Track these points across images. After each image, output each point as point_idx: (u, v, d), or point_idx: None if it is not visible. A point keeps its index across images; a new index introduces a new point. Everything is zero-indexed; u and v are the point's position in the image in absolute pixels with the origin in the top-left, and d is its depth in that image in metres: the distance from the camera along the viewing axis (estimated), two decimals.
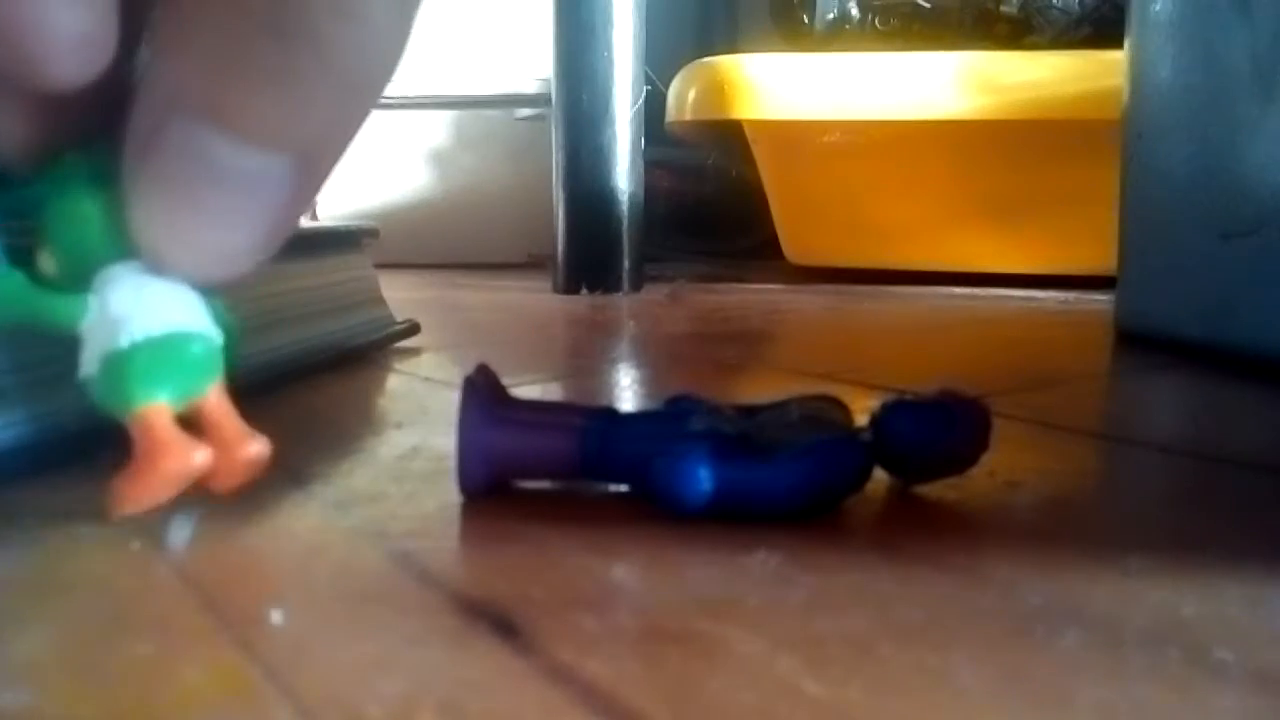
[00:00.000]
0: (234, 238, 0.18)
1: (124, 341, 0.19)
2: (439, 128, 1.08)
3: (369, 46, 0.16)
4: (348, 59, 0.16)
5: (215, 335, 0.20)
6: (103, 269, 0.19)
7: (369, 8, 0.16)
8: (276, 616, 0.16)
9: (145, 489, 0.19)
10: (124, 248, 0.19)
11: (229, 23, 0.16)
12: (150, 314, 0.19)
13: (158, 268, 0.19)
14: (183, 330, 0.19)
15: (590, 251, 0.77)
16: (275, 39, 0.16)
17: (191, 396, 0.19)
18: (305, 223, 0.73)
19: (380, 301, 0.47)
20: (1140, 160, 0.49)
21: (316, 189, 0.18)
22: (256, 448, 0.20)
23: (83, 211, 0.19)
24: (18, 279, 0.19)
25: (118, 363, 0.19)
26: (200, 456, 0.19)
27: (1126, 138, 0.50)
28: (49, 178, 0.19)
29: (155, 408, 0.19)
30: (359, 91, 0.17)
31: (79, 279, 0.19)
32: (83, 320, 0.19)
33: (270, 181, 0.17)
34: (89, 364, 0.19)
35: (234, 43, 0.16)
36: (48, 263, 0.19)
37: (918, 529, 0.21)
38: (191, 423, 0.19)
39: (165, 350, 0.19)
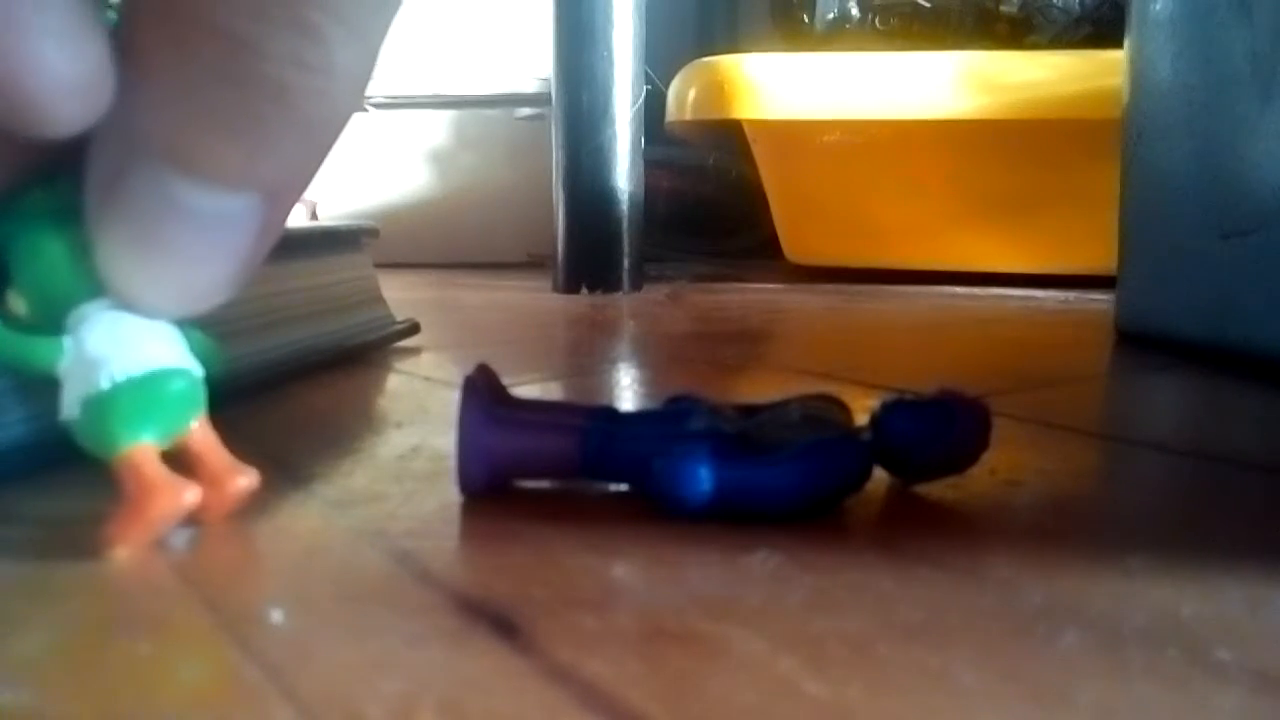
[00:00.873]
0: (203, 275, 0.18)
1: (104, 383, 0.18)
2: (439, 127, 1.08)
3: (330, 92, 0.16)
4: (309, 105, 0.16)
5: (195, 369, 0.20)
6: (74, 308, 0.19)
7: (330, 58, 0.16)
8: (276, 616, 0.16)
9: (137, 530, 0.18)
10: (94, 285, 0.18)
11: (189, 71, 0.16)
12: (128, 353, 0.19)
13: (129, 305, 0.18)
14: (162, 368, 0.19)
15: (590, 251, 0.77)
16: (235, 88, 0.16)
17: (176, 433, 0.19)
18: (305, 223, 0.73)
19: (380, 301, 0.47)
20: (1140, 160, 0.49)
21: (283, 222, 0.19)
22: (245, 480, 0.20)
23: (49, 250, 0.18)
24: None
25: (99, 405, 0.18)
26: (190, 495, 0.18)
27: (1126, 137, 0.50)
28: (12, 215, 0.19)
29: (141, 448, 0.18)
30: (321, 132, 0.17)
31: (50, 319, 0.19)
32: (60, 362, 0.19)
33: (236, 220, 0.17)
34: (70, 407, 0.19)
35: (194, 90, 0.16)
36: (16, 303, 0.19)
37: (918, 529, 0.21)
38: (177, 458, 0.19)
39: (147, 390, 0.19)
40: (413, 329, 0.48)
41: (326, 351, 0.40)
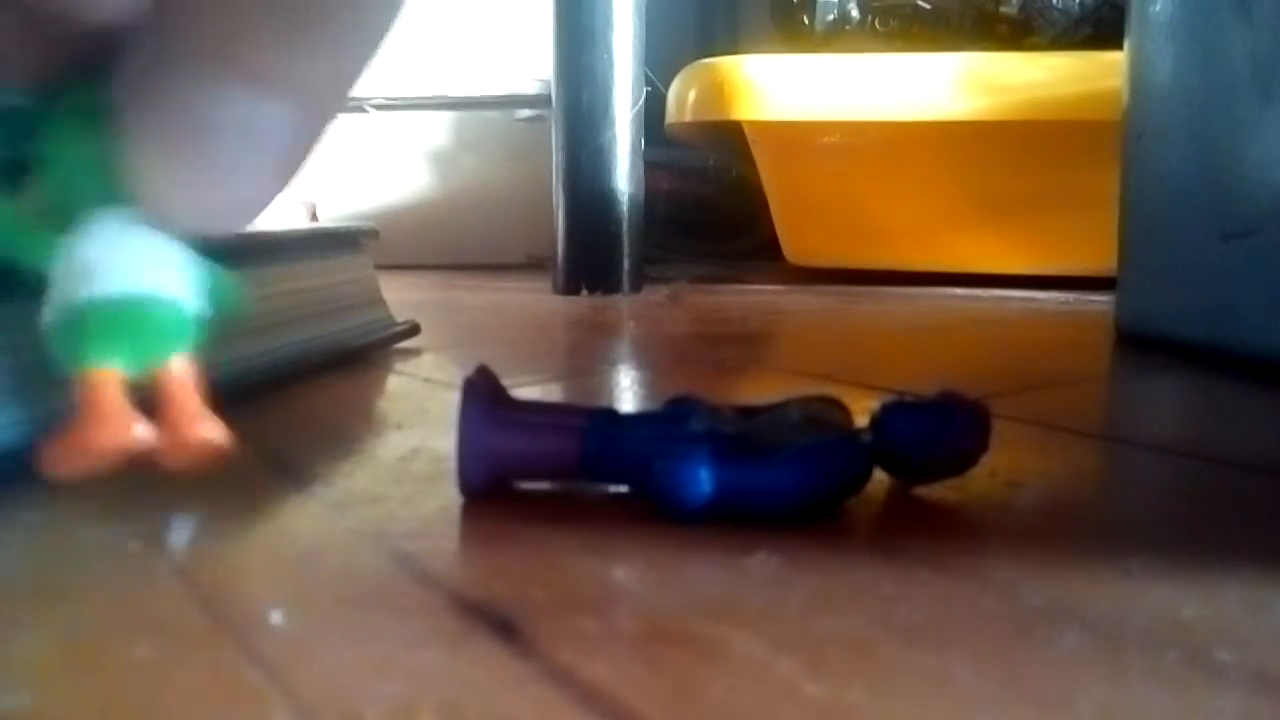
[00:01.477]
0: (235, 186, 0.18)
1: (83, 296, 0.17)
2: (439, 129, 1.08)
3: (365, 6, 0.16)
4: (350, 9, 0.16)
5: (190, 302, 0.18)
6: (90, 211, 0.18)
7: None
8: (276, 617, 0.16)
9: (76, 456, 0.17)
10: (116, 192, 0.17)
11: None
12: (119, 270, 0.18)
13: (152, 216, 0.18)
14: (149, 293, 0.18)
15: (590, 252, 0.77)
16: None
17: (149, 365, 0.18)
18: (306, 224, 0.73)
19: (380, 302, 0.47)
20: (1140, 161, 0.49)
21: (316, 139, 0.18)
22: (210, 431, 0.18)
23: (78, 146, 0.18)
24: (1, 207, 0.18)
25: (72, 318, 0.18)
26: (139, 432, 0.17)
27: (1126, 139, 0.50)
28: (52, 104, 0.18)
29: (104, 373, 0.17)
30: (364, 40, 0.17)
31: (64, 217, 0.18)
32: (50, 262, 0.18)
33: (270, 126, 0.17)
34: (50, 312, 0.18)
35: (254, 14, 0.16)
36: (36, 196, 0.18)
37: (918, 530, 0.21)
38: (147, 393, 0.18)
39: (123, 313, 0.18)
40: (413, 330, 0.48)
41: (327, 353, 0.40)
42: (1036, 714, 0.13)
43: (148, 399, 0.18)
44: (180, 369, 0.18)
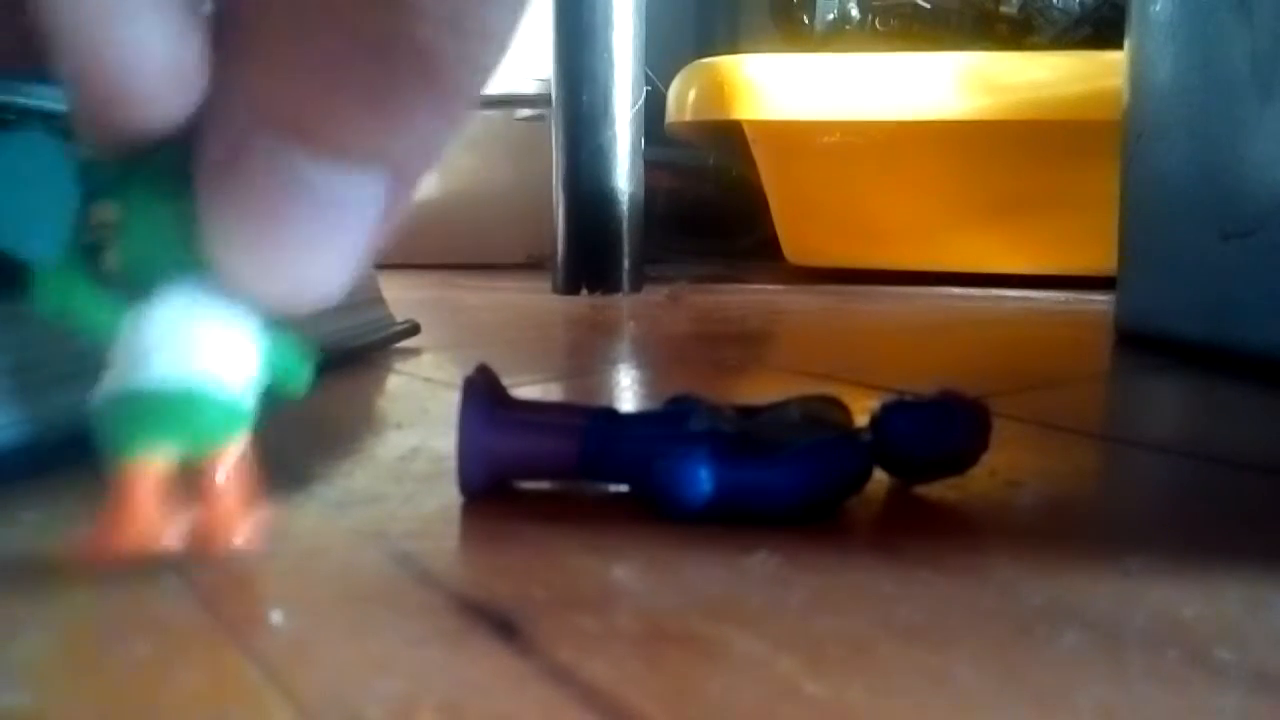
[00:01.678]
0: (319, 262, 0.17)
1: (134, 381, 0.17)
2: None
3: (478, 59, 0.15)
4: (453, 73, 0.15)
5: (247, 390, 0.18)
6: (167, 279, 0.17)
7: (485, 19, 0.14)
8: (276, 617, 0.16)
9: (97, 554, 0.17)
10: (193, 261, 0.16)
11: (322, 34, 0.14)
12: (174, 355, 0.17)
13: (231, 290, 0.17)
14: (201, 383, 0.17)
15: (590, 252, 0.77)
16: (376, 55, 0.14)
17: (192, 457, 0.17)
18: None
19: (380, 302, 0.47)
20: (1140, 161, 0.49)
21: (407, 204, 0.17)
22: (242, 534, 0.17)
23: (155, 212, 0.17)
24: (75, 269, 0.17)
25: (116, 404, 0.17)
26: (168, 539, 0.16)
27: (1126, 138, 0.50)
28: (136, 164, 0.17)
29: (142, 465, 0.17)
30: (460, 102, 0.15)
31: (139, 285, 0.17)
32: (111, 333, 0.17)
33: (359, 201, 0.16)
34: (99, 393, 0.17)
35: (327, 57, 0.14)
36: (113, 259, 0.17)
37: (918, 530, 0.21)
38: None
39: (172, 403, 0.17)
40: (413, 330, 0.48)
41: (327, 352, 0.40)
42: (1036, 713, 0.13)
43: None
44: (227, 461, 0.17)
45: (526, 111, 1.04)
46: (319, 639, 0.16)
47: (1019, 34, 0.92)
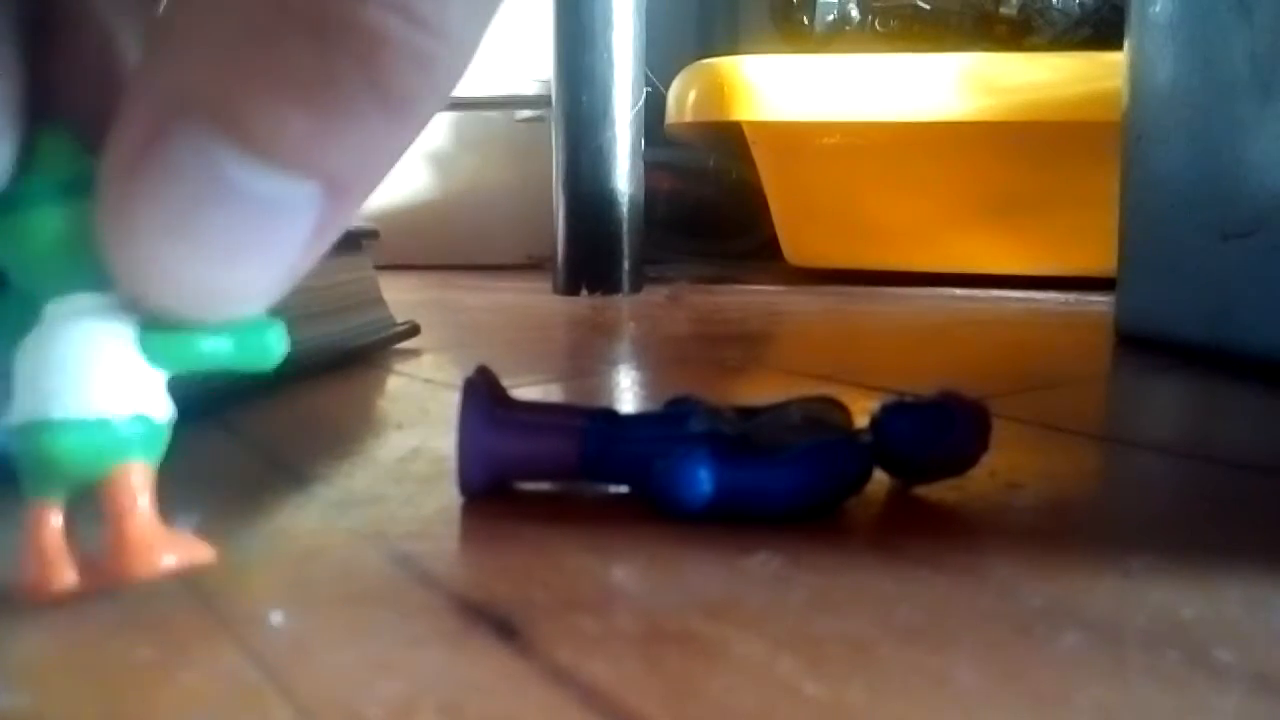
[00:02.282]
0: (236, 275, 0.15)
1: (25, 415, 0.15)
2: (439, 129, 1.08)
3: (434, 60, 0.13)
4: (405, 74, 0.13)
5: (153, 416, 0.16)
6: (59, 297, 0.15)
7: (443, 13, 0.13)
8: (276, 618, 0.16)
9: (21, 590, 0.16)
10: (93, 274, 0.15)
11: (259, 13, 0.13)
12: (69, 386, 0.15)
13: (133, 303, 0.15)
14: (87, 419, 0.15)
15: (590, 253, 0.77)
16: (317, 41, 0.12)
17: (83, 488, 0.16)
18: None
19: (380, 303, 0.47)
20: (1140, 162, 0.49)
21: (343, 225, 0.15)
22: (143, 562, 0.15)
23: (43, 220, 0.15)
24: None
25: (17, 438, 0.15)
26: (67, 580, 0.15)
27: (1126, 139, 0.50)
28: (21, 165, 0.15)
29: (41, 509, 0.15)
30: (411, 113, 0.14)
31: (27, 304, 0.15)
32: (11, 361, 0.15)
33: (289, 211, 0.14)
34: (9, 418, 0.15)
35: (263, 39, 0.13)
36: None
37: (918, 530, 0.21)
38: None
39: (43, 443, 0.15)
40: (413, 331, 0.48)
41: (327, 353, 0.40)
42: (1036, 713, 0.13)
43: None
44: (119, 486, 0.15)
45: (527, 112, 1.04)
46: (319, 639, 0.16)
47: (1019, 35, 0.92)
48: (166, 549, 0.16)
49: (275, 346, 0.17)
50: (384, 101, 0.13)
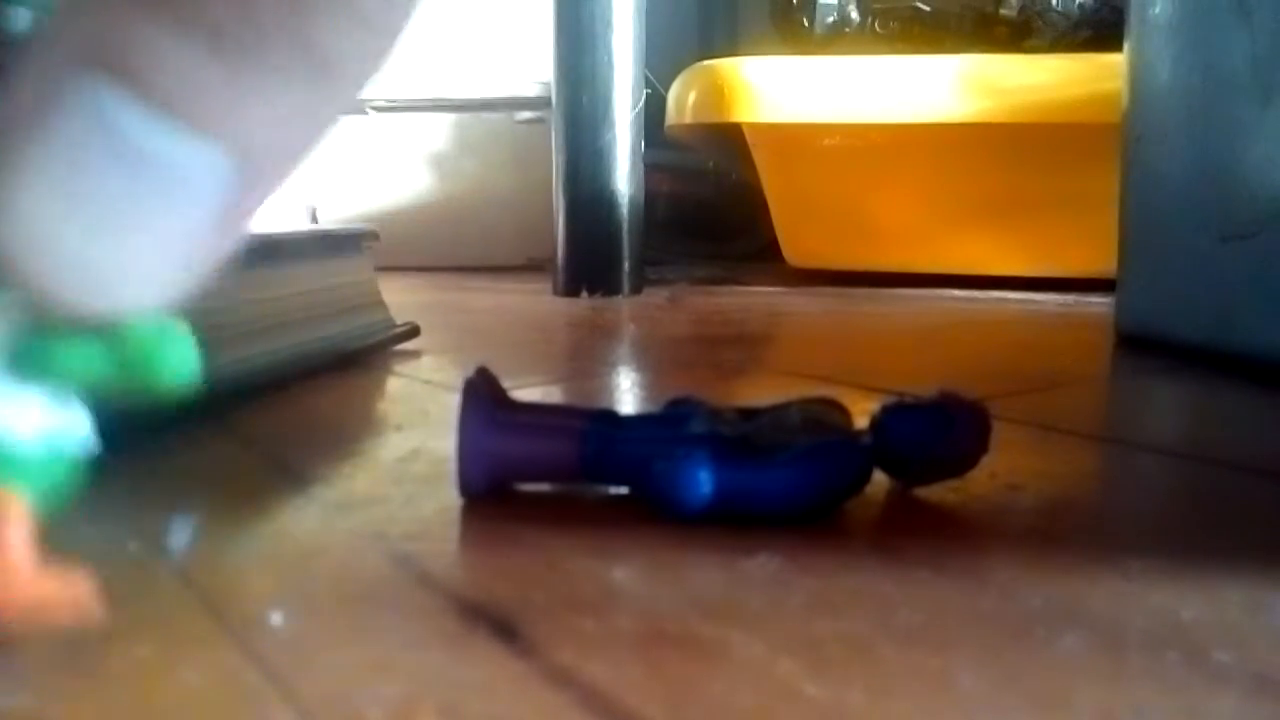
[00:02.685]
0: (125, 251, 0.13)
1: None
2: (439, 131, 1.08)
3: (365, 13, 0.12)
4: (333, 28, 0.12)
5: (20, 439, 0.14)
6: None
7: None
8: (276, 618, 0.16)
9: None
10: None
11: None
12: None
13: (24, 293, 0.13)
14: None
15: (590, 254, 0.77)
16: None
17: None
18: (305, 227, 0.73)
19: (381, 304, 0.47)
20: (1139, 163, 0.49)
21: (255, 204, 0.14)
22: (20, 605, 0.14)
23: None
24: None
25: None
26: None
27: (1126, 141, 0.50)
28: None
29: None
30: (338, 75, 0.12)
31: None
32: None
33: (192, 180, 0.12)
34: None
35: None
36: None
37: (918, 532, 0.21)
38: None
39: None
40: (413, 332, 0.48)
41: (327, 354, 0.40)
42: (1036, 714, 0.13)
43: None
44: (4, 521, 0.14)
45: (527, 114, 1.04)
46: (319, 639, 0.16)
47: (1018, 37, 0.92)
48: (22, 591, 0.14)
49: (175, 364, 0.14)
50: (307, 56, 0.12)
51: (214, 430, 0.29)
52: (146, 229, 0.13)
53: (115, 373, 0.14)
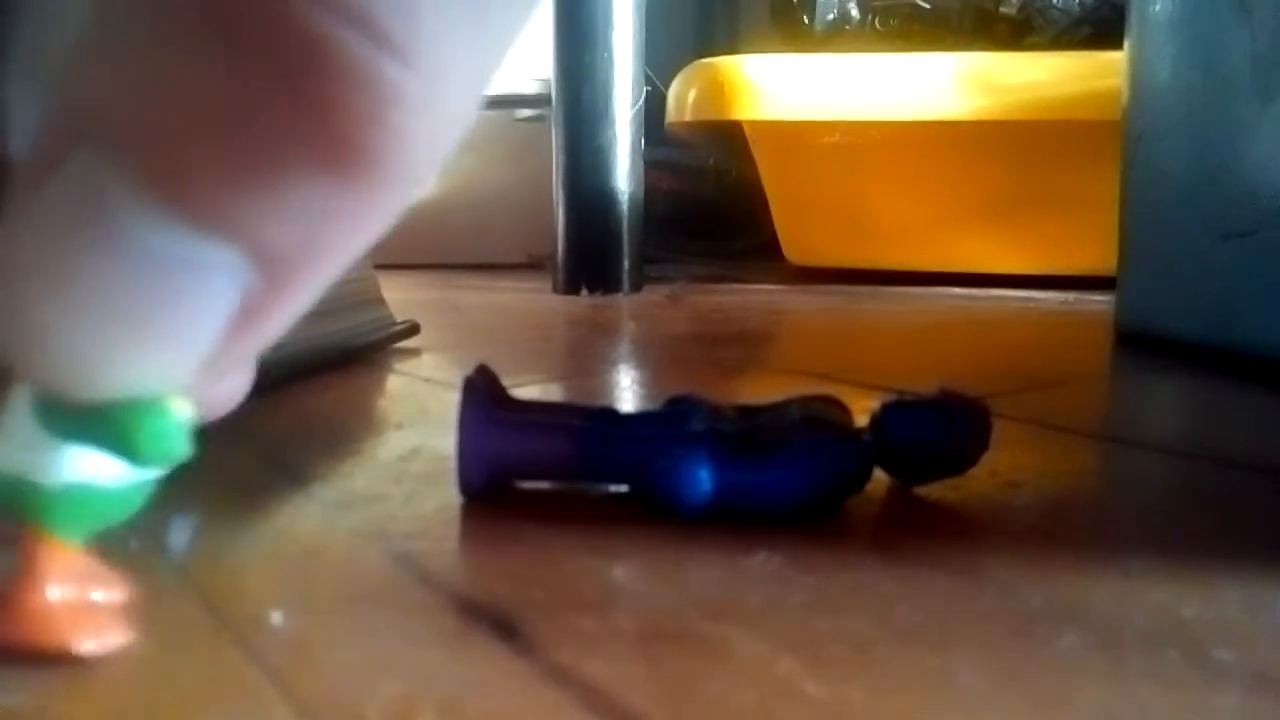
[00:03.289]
0: (120, 352, 0.12)
1: None
2: None
3: (398, 98, 0.09)
4: (357, 115, 0.09)
5: (46, 480, 0.14)
6: None
7: (414, 31, 0.09)
8: (277, 617, 0.16)
9: None
10: None
11: (178, 28, 0.10)
12: None
13: (34, 382, 0.13)
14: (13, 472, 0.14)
15: (590, 252, 0.77)
16: (229, 49, 0.09)
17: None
18: None
19: (380, 302, 0.47)
20: (1140, 161, 0.49)
21: (291, 306, 0.12)
22: (62, 641, 0.14)
23: None
24: None
25: None
26: None
27: (1126, 138, 0.50)
28: None
29: None
30: (368, 173, 0.10)
31: None
32: None
33: (202, 282, 0.11)
34: None
35: (173, 44, 0.10)
36: None
37: (918, 530, 0.21)
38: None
39: None
40: (413, 330, 0.48)
41: (327, 352, 0.40)
42: (1036, 713, 0.13)
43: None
44: (38, 550, 0.14)
45: (526, 112, 1.04)
46: (319, 639, 0.16)
47: (1019, 34, 0.92)
48: (57, 629, 0.14)
49: (157, 443, 0.13)
50: (324, 150, 0.10)
51: (214, 429, 0.29)
52: (144, 329, 0.11)
53: (95, 444, 0.14)
